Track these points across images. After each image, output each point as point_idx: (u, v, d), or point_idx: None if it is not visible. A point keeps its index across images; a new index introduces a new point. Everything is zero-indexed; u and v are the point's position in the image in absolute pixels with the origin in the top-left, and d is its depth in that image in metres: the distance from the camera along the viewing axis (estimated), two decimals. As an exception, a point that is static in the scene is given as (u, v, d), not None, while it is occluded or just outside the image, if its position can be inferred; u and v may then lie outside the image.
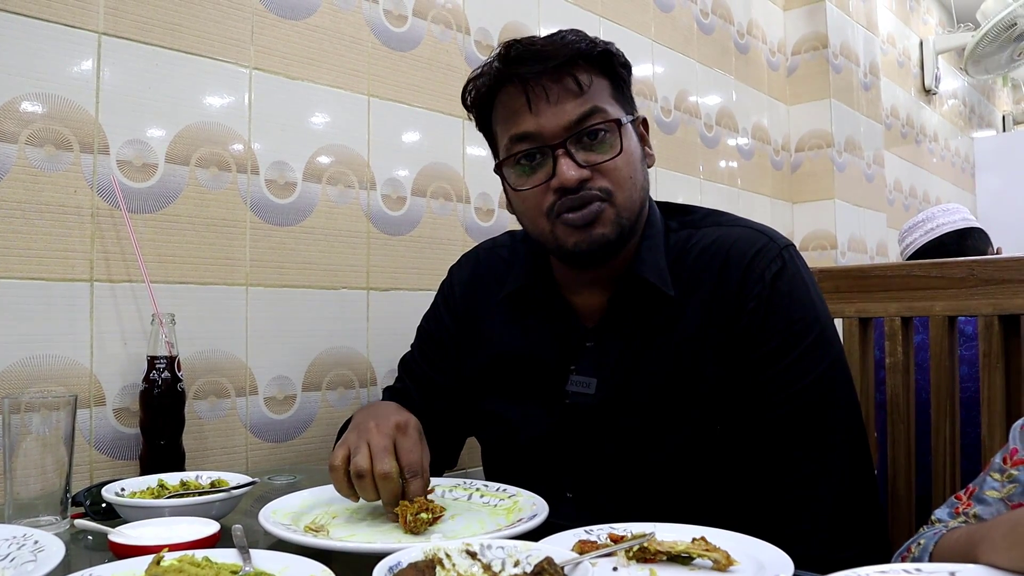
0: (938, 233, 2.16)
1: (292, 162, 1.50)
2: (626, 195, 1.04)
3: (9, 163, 1.16)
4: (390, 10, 1.69)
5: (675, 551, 0.74)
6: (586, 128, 1.02)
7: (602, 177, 1.03)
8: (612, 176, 1.03)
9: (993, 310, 1.25)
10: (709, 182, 2.65)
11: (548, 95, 1.02)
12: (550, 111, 1.02)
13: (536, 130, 1.03)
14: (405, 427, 0.98)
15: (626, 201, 1.04)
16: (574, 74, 1.03)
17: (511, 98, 1.05)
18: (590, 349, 1.12)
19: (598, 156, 1.03)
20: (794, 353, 1.02)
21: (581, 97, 1.03)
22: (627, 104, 1.09)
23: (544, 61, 1.02)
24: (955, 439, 1.30)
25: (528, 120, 1.03)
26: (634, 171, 1.06)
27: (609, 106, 1.05)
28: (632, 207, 1.05)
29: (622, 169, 1.04)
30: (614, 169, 1.03)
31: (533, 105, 1.03)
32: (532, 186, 1.05)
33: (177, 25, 1.35)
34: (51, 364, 1.19)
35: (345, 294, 1.57)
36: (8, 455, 0.96)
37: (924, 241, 2.18)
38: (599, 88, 1.05)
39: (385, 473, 0.92)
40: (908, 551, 0.83)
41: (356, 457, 0.93)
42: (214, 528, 0.85)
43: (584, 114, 1.02)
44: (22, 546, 0.77)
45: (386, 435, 0.96)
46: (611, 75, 1.07)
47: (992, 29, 3.73)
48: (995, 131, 5.68)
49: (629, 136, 1.06)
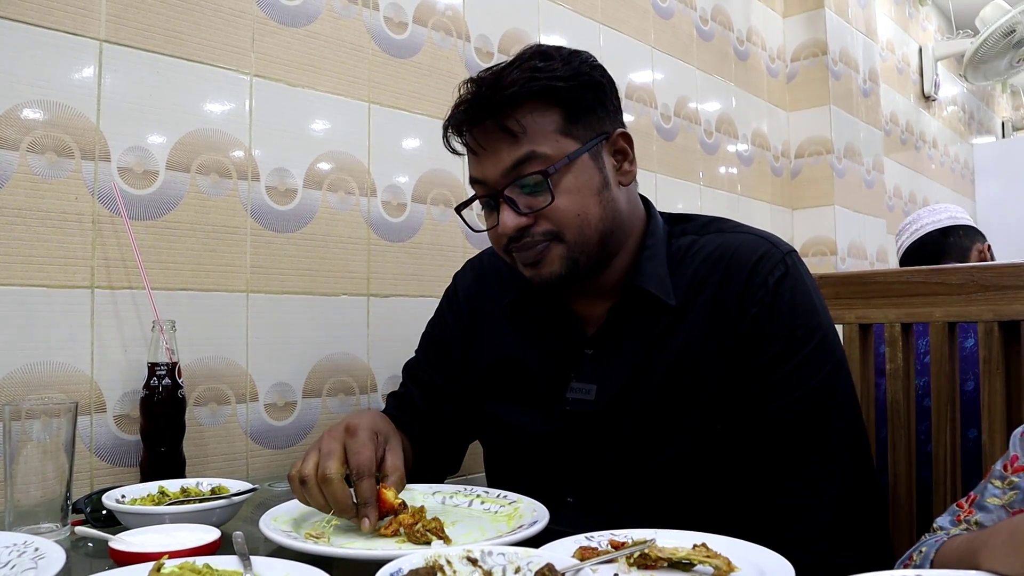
0: (920, 233, 2.16)
1: (293, 169, 1.50)
2: (575, 233, 1.04)
3: (11, 170, 1.16)
4: (390, 17, 1.69)
5: (676, 558, 0.74)
6: (519, 176, 1.02)
7: (545, 220, 1.04)
8: (555, 218, 1.03)
9: (993, 316, 1.25)
10: (709, 188, 2.65)
11: (484, 144, 1.04)
12: (488, 159, 1.04)
13: (481, 176, 1.06)
14: (355, 429, 0.97)
15: (576, 238, 1.04)
16: (506, 120, 1.01)
17: (464, 143, 1.08)
18: (590, 356, 1.12)
19: (537, 201, 1.03)
20: (796, 359, 1.02)
21: (516, 142, 1.02)
22: (587, 129, 1.05)
23: (480, 109, 1.03)
24: (955, 445, 1.30)
25: (475, 165, 1.07)
26: (582, 208, 1.04)
27: (550, 145, 1.02)
28: (587, 242, 1.05)
29: (565, 211, 1.03)
30: (556, 212, 1.03)
31: (477, 152, 1.06)
32: (490, 227, 1.09)
33: (178, 32, 1.35)
34: (52, 371, 1.19)
35: (345, 300, 1.57)
36: (9, 462, 0.96)
37: (909, 242, 2.18)
38: (541, 127, 1.02)
39: (324, 476, 0.91)
40: (910, 559, 0.83)
41: (301, 463, 0.94)
42: (215, 535, 0.85)
43: (517, 160, 1.02)
44: (23, 553, 0.77)
45: (335, 439, 0.96)
46: (564, 104, 1.03)
47: (991, 35, 3.74)
48: (994, 137, 5.68)
49: (576, 171, 1.03)
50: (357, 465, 0.93)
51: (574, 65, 1.05)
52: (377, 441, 0.98)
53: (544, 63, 1.04)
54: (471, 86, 1.05)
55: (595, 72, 1.08)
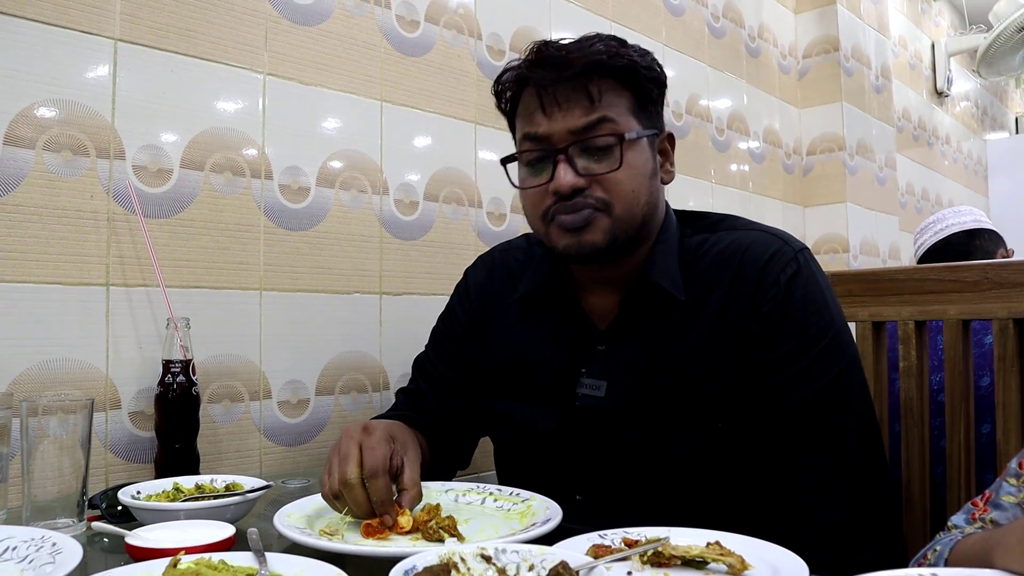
0: (946, 233, 2.14)
1: (305, 167, 1.51)
2: (624, 208, 1.04)
3: (27, 168, 1.17)
4: (402, 16, 1.69)
5: (689, 556, 0.74)
6: (589, 137, 1.03)
7: (600, 187, 1.04)
8: (610, 188, 1.04)
9: (1008, 313, 1.24)
10: (720, 186, 2.65)
11: (559, 101, 1.03)
12: (559, 117, 1.04)
13: (545, 133, 1.04)
14: (372, 429, 0.98)
15: (624, 214, 1.04)
16: (588, 84, 1.03)
17: (529, 99, 1.07)
18: (601, 352, 1.12)
19: (598, 166, 1.04)
20: (809, 356, 1.02)
21: (591, 107, 1.03)
22: (648, 119, 1.09)
23: (561, 69, 1.03)
24: (970, 443, 1.29)
25: (539, 123, 1.05)
26: (637, 185, 1.05)
27: (622, 119, 1.04)
28: (631, 220, 1.05)
29: (623, 182, 1.04)
30: (613, 182, 1.03)
31: (545, 109, 1.04)
32: (533, 186, 1.07)
33: (192, 31, 1.36)
34: (68, 368, 1.20)
35: (358, 298, 1.58)
36: (26, 458, 0.97)
37: (932, 241, 2.16)
38: (614, 100, 1.05)
39: (344, 480, 0.92)
40: (924, 557, 0.83)
41: (327, 478, 0.95)
42: (230, 531, 0.86)
43: (590, 123, 1.03)
44: (40, 548, 0.78)
45: (351, 439, 0.96)
46: (634, 88, 1.06)
47: (1005, 31, 3.71)
48: (1008, 133, 5.64)
49: (637, 150, 1.06)
50: (370, 464, 0.93)
51: (648, 58, 1.09)
52: (392, 445, 0.98)
53: (622, 46, 1.07)
54: (549, 47, 1.05)
55: (662, 72, 1.11)
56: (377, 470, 0.93)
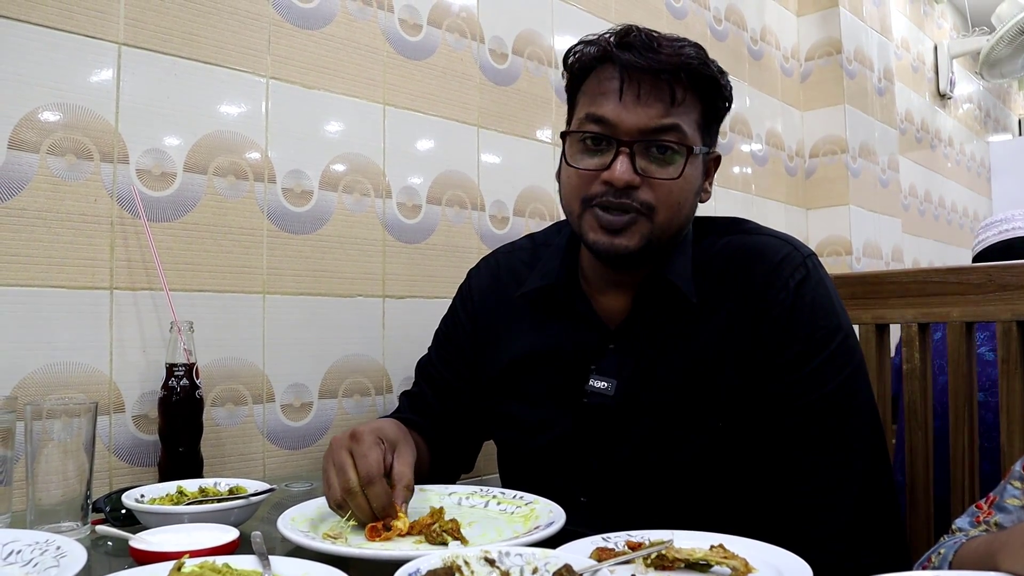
0: (1011, 235, 2.09)
1: (308, 170, 1.51)
2: (667, 217, 1.04)
3: (31, 172, 1.18)
4: (405, 19, 1.70)
5: (693, 559, 0.74)
6: (658, 140, 1.02)
7: (650, 191, 1.03)
8: (660, 194, 1.03)
9: (1011, 316, 1.24)
10: (723, 188, 2.65)
11: (640, 91, 1.02)
12: (635, 108, 1.02)
13: (614, 119, 1.02)
14: (359, 436, 0.97)
15: (665, 222, 1.04)
16: (673, 84, 1.02)
17: (607, 78, 1.04)
18: (611, 350, 1.12)
19: (657, 170, 1.03)
20: (816, 360, 1.02)
21: (669, 109, 1.02)
22: (709, 136, 1.09)
23: (653, 58, 1.01)
24: (973, 445, 1.29)
25: (612, 106, 1.03)
26: (684, 198, 1.05)
27: (691, 130, 1.04)
28: (669, 230, 1.05)
29: (674, 193, 1.03)
30: (666, 189, 1.03)
31: (623, 94, 1.02)
32: (585, 168, 1.05)
33: (195, 35, 1.36)
34: (72, 371, 1.20)
35: (361, 302, 1.58)
36: (30, 461, 0.97)
37: (994, 240, 2.10)
38: (690, 108, 1.04)
39: (347, 489, 0.92)
40: (929, 560, 0.83)
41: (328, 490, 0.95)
42: (233, 535, 0.86)
43: (664, 126, 1.02)
44: (44, 551, 0.78)
45: (342, 448, 0.96)
46: (707, 102, 1.06)
47: (1007, 33, 3.71)
48: (1011, 135, 5.63)
49: (695, 165, 1.06)
50: (365, 471, 0.93)
51: (725, 78, 1.08)
52: (383, 446, 0.97)
53: (710, 60, 1.06)
54: (641, 34, 1.03)
55: (731, 93, 1.10)
56: (372, 476, 0.92)
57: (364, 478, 0.92)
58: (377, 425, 1.02)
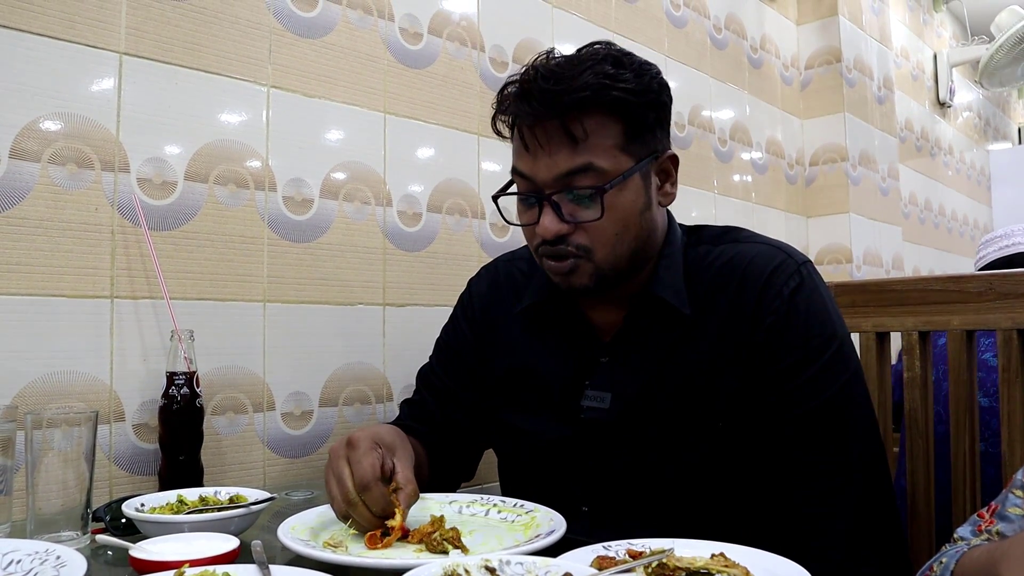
0: (1012, 251, 2.09)
1: (309, 179, 1.51)
2: (607, 252, 1.03)
3: (32, 181, 1.18)
4: (406, 28, 1.70)
5: (694, 567, 0.74)
6: (571, 186, 1.01)
7: (583, 234, 1.03)
8: (593, 234, 1.02)
9: (1011, 324, 1.24)
10: (723, 197, 2.65)
11: (542, 142, 1.01)
12: (543, 159, 1.01)
13: (530, 173, 1.03)
14: (355, 442, 0.97)
15: (607, 257, 1.04)
16: (571, 124, 0.99)
17: (520, 131, 1.04)
18: (605, 364, 1.12)
19: (582, 213, 1.02)
20: (812, 369, 1.01)
21: (576, 149, 0.99)
22: (644, 146, 1.04)
23: (544, 106, 0.98)
24: (974, 454, 1.29)
25: (526, 161, 1.03)
26: (623, 227, 1.03)
27: (608, 159, 1.00)
28: (616, 260, 1.04)
29: (605, 228, 1.02)
30: (596, 228, 1.02)
31: (530, 148, 1.02)
32: (525, 223, 1.08)
33: (196, 45, 1.37)
34: (72, 380, 1.20)
35: (361, 310, 1.58)
36: (30, 470, 0.97)
37: (996, 256, 2.10)
38: (603, 136, 1.00)
39: (347, 499, 0.93)
40: (931, 569, 0.83)
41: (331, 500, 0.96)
42: (234, 544, 0.86)
43: (574, 169, 1.00)
44: (44, 561, 0.78)
45: (339, 458, 0.97)
46: (627, 118, 1.02)
47: (1007, 41, 3.72)
48: (1011, 143, 5.64)
49: (625, 190, 1.02)
50: (360, 477, 0.93)
51: (645, 81, 1.03)
52: (379, 450, 0.97)
53: (616, 70, 1.00)
54: (536, 77, 1.00)
55: (663, 92, 1.07)
56: (367, 482, 0.93)
57: (359, 484, 0.93)
58: (374, 431, 1.02)
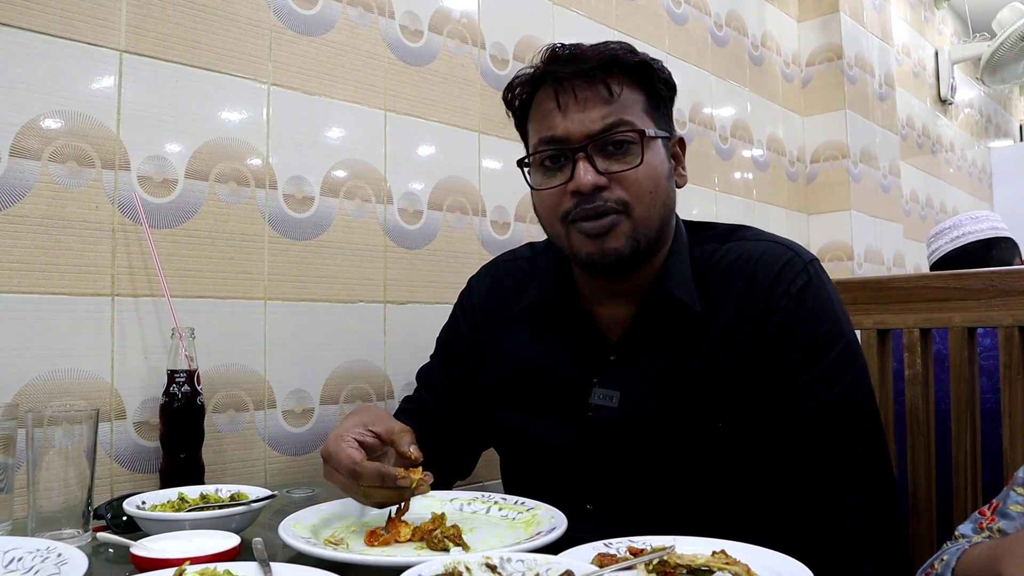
0: (963, 242, 2.10)
1: (310, 177, 1.51)
2: (644, 209, 1.04)
3: (33, 179, 1.18)
4: (406, 25, 1.70)
5: (695, 564, 0.74)
6: (609, 136, 1.02)
7: (620, 188, 1.03)
8: (630, 187, 1.03)
9: (1013, 321, 1.24)
10: (724, 194, 2.65)
11: (577, 98, 1.03)
12: (577, 115, 1.03)
13: (562, 133, 1.04)
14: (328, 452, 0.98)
15: (644, 215, 1.04)
16: (606, 80, 1.03)
17: (545, 99, 1.07)
18: (613, 362, 1.11)
19: (618, 165, 1.03)
20: (819, 367, 1.01)
21: (610, 105, 1.03)
22: (661, 122, 1.09)
23: (579, 63, 1.03)
24: (976, 451, 1.29)
25: (557, 122, 1.04)
26: (656, 186, 1.05)
27: (638, 119, 1.05)
28: (650, 223, 1.05)
29: (642, 181, 1.03)
30: (634, 180, 1.03)
31: (562, 106, 1.04)
32: (551, 187, 1.06)
33: (197, 42, 1.36)
34: (73, 378, 1.20)
35: (362, 308, 1.58)
36: (31, 468, 0.97)
37: (948, 249, 2.12)
38: (631, 99, 1.05)
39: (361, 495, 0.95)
40: (931, 567, 0.83)
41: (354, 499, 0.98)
42: (235, 541, 0.86)
43: (610, 123, 1.03)
44: (46, 559, 0.78)
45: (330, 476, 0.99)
46: (648, 90, 1.07)
47: (1008, 38, 3.71)
48: (1012, 140, 5.64)
49: (655, 150, 1.06)
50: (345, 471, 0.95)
51: (659, 63, 1.09)
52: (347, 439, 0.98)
53: (635, 50, 1.08)
54: (560, 48, 1.06)
55: (671, 76, 1.12)
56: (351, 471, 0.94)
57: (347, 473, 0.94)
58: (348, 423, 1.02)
